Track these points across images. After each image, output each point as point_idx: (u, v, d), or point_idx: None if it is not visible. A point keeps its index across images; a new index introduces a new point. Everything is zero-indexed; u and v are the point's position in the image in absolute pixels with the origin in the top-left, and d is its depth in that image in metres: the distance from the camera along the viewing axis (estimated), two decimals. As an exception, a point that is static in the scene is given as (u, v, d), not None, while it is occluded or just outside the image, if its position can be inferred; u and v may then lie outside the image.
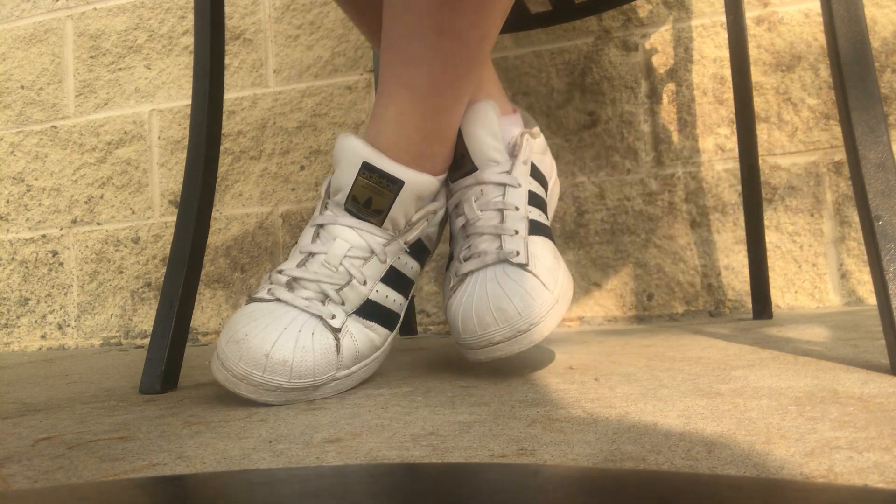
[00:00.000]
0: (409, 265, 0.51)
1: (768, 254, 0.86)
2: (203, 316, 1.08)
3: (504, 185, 0.51)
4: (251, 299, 0.48)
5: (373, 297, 0.49)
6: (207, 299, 1.08)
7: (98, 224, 1.15)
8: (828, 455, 0.27)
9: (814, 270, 0.86)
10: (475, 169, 0.51)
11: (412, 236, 0.51)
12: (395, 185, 0.48)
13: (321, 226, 0.49)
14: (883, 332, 0.42)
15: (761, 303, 0.77)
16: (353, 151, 0.48)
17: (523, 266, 0.48)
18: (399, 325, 0.52)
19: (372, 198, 0.48)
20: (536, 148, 0.53)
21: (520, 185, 0.51)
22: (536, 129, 0.55)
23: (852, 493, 0.17)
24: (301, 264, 0.48)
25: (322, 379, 0.45)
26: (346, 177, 0.48)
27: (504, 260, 0.48)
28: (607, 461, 0.28)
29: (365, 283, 0.48)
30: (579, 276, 0.92)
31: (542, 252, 0.49)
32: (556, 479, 0.19)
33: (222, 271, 1.08)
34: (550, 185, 0.57)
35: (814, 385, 0.39)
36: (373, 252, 0.48)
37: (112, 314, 1.13)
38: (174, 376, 0.56)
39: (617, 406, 0.37)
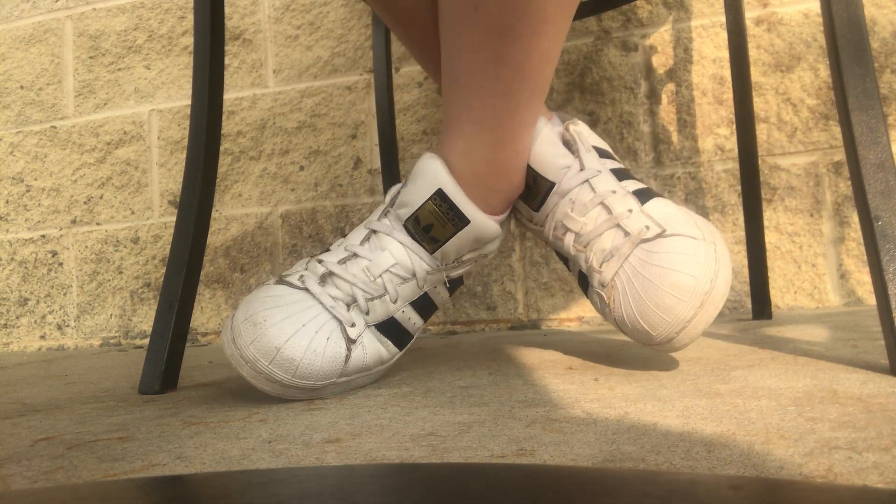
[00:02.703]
0: (441, 295, 0.51)
1: (768, 254, 0.86)
2: (203, 316, 1.08)
3: (587, 180, 0.49)
4: (280, 280, 0.48)
5: (397, 315, 0.49)
6: (207, 299, 1.08)
7: (97, 224, 1.15)
8: (827, 455, 0.27)
9: (813, 271, 0.86)
10: (552, 185, 0.50)
11: (456, 273, 0.51)
12: (461, 222, 0.47)
13: (375, 231, 0.49)
14: (882, 333, 0.42)
15: (761, 303, 0.77)
16: (434, 175, 0.47)
17: (662, 234, 0.46)
18: (409, 346, 0.52)
19: (434, 225, 0.48)
20: (586, 132, 0.52)
21: (600, 171, 0.49)
22: (575, 119, 0.54)
23: (852, 493, 0.17)
24: (343, 262, 0.48)
25: (322, 384, 0.46)
26: (417, 196, 0.48)
27: (640, 241, 0.46)
28: (607, 461, 0.28)
29: (396, 302, 0.48)
30: (579, 276, 0.92)
31: (666, 210, 0.47)
32: (556, 479, 0.19)
33: (222, 271, 1.08)
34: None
35: (813, 385, 0.39)
36: (414, 275, 0.48)
37: (111, 314, 1.13)
38: (173, 377, 0.55)
39: (617, 406, 0.37)
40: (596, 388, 0.43)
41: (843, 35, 0.44)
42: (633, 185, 0.49)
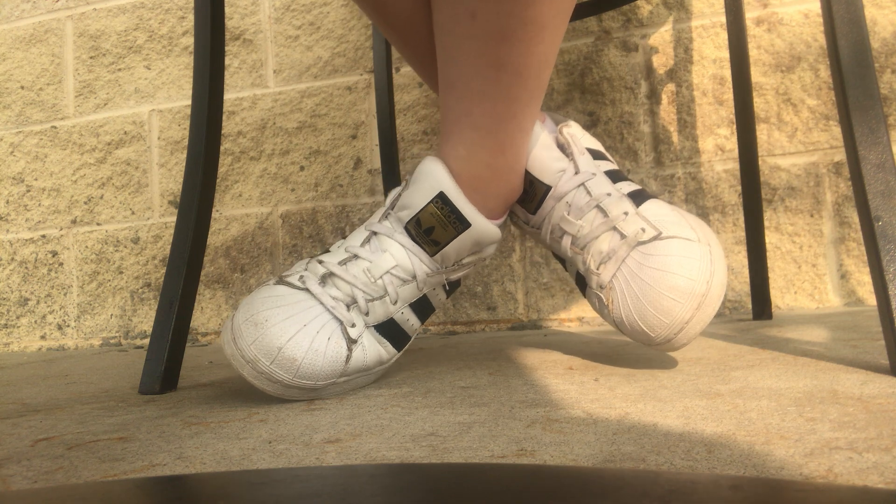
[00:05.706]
0: (439, 297, 0.52)
1: (768, 254, 0.86)
2: (203, 316, 1.08)
3: (582, 183, 0.49)
4: (280, 280, 0.48)
5: (396, 317, 0.49)
6: (207, 300, 1.08)
7: (98, 224, 1.15)
8: (827, 455, 0.27)
9: (813, 271, 0.86)
10: (548, 188, 0.50)
11: (456, 276, 0.51)
12: (462, 224, 0.48)
13: (375, 233, 0.49)
14: (882, 333, 0.42)
15: (761, 303, 0.77)
16: (435, 178, 0.48)
17: (658, 237, 0.46)
18: (407, 347, 0.52)
19: (435, 227, 0.48)
20: (580, 134, 0.52)
21: (595, 174, 0.50)
22: (568, 121, 0.54)
23: (852, 493, 0.17)
24: (343, 263, 0.48)
25: (323, 384, 0.46)
26: (418, 199, 0.48)
27: (636, 244, 0.47)
28: (607, 461, 0.28)
29: (395, 303, 0.48)
30: (579, 276, 0.92)
31: (661, 212, 0.48)
32: (556, 479, 0.19)
33: (222, 272, 1.08)
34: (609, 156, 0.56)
35: (813, 386, 0.39)
36: (415, 277, 0.48)
37: (112, 314, 1.13)
38: (174, 377, 0.55)
39: (617, 406, 0.37)
40: (596, 389, 0.43)
41: (844, 35, 0.44)
42: (627, 186, 0.50)
